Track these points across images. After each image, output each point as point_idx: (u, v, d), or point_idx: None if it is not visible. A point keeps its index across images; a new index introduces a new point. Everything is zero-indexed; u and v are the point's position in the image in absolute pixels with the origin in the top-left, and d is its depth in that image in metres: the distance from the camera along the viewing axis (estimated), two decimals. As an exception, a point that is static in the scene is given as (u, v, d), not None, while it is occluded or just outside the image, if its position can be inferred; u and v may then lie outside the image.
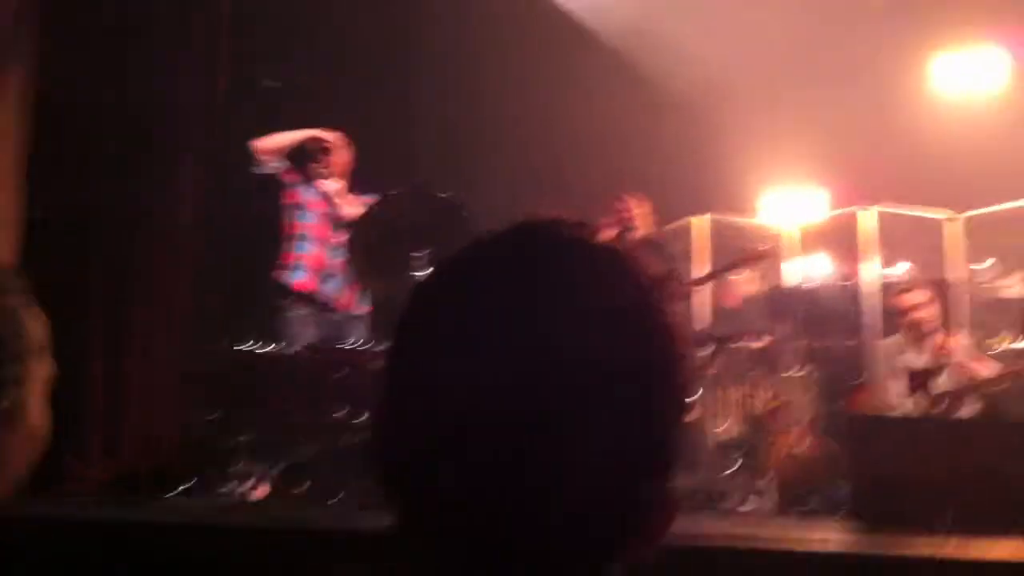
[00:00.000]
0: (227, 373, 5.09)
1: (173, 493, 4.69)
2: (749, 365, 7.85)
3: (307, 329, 5.78)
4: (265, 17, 7.19)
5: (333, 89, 7.56)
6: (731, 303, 8.16)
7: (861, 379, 6.21)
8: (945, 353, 5.64)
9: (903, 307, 5.65)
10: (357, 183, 6.13)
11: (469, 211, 4.90)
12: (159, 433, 5.59)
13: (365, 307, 5.99)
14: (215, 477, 4.93)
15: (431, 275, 0.81)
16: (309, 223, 5.94)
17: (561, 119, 8.74)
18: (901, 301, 5.68)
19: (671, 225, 8.08)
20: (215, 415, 4.96)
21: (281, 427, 4.97)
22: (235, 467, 5.04)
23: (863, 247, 7.62)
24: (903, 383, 5.54)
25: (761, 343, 7.63)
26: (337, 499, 4.47)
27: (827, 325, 7.55)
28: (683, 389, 0.77)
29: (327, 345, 5.27)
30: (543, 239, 0.78)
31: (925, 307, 5.62)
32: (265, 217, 6.17)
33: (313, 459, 5.21)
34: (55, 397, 1.20)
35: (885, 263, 7.73)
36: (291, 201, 5.97)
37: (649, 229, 6.55)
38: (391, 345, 0.79)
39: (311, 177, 6.01)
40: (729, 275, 7.28)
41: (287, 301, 5.85)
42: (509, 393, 0.71)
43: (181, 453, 5.14)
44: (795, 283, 8.00)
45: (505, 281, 0.75)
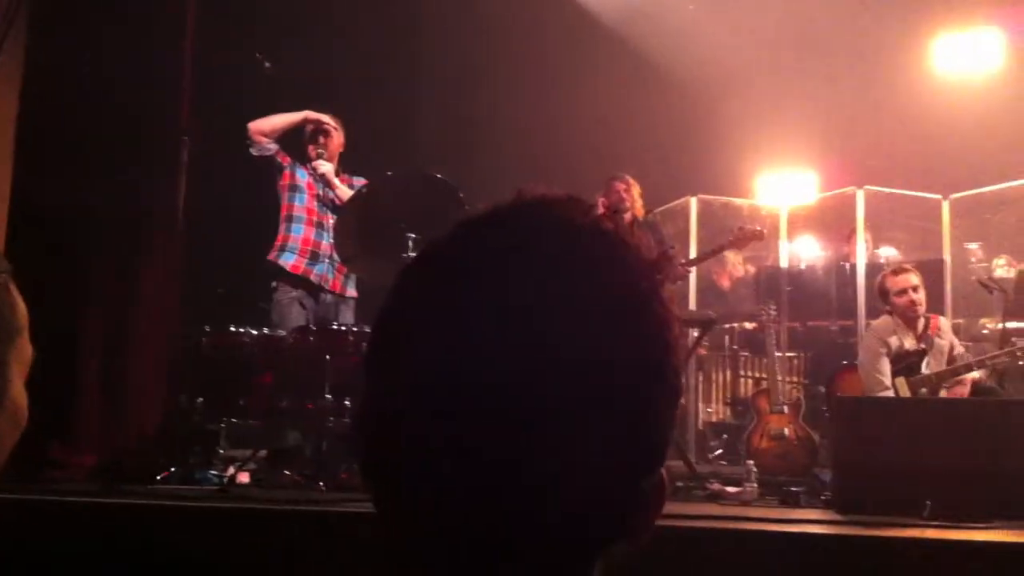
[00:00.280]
0: (215, 356, 5.05)
1: (158, 478, 4.67)
2: (736, 347, 7.89)
3: (298, 311, 5.77)
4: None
5: (332, 71, 7.53)
6: (723, 284, 8.19)
7: (847, 361, 6.22)
8: (934, 334, 5.65)
9: (896, 288, 5.64)
10: (355, 165, 6.11)
11: (466, 192, 4.87)
12: (146, 419, 5.57)
13: (354, 291, 5.99)
14: (200, 462, 4.91)
15: (415, 259, 0.78)
16: (302, 205, 5.92)
17: (559, 101, 8.75)
18: (895, 282, 5.66)
19: (664, 206, 8.09)
20: (201, 399, 4.92)
21: (268, 411, 4.94)
22: (220, 452, 5.03)
23: (852, 228, 7.62)
24: (889, 365, 5.55)
25: (748, 325, 7.67)
26: (323, 484, 4.45)
27: (814, 307, 7.58)
28: (678, 376, 0.75)
29: (318, 327, 5.24)
30: (535, 219, 0.75)
31: (918, 289, 5.62)
32: (258, 198, 6.15)
33: (300, 444, 5.21)
34: (41, 383, 1.19)
35: (874, 244, 7.75)
36: (285, 183, 5.95)
37: (639, 210, 6.55)
38: (373, 333, 0.76)
39: (305, 159, 5.98)
40: (720, 256, 7.30)
41: (279, 282, 5.84)
42: (500, 383, 0.68)
43: (167, 438, 5.11)
44: (783, 264, 8.02)
45: (490, 266, 0.72)
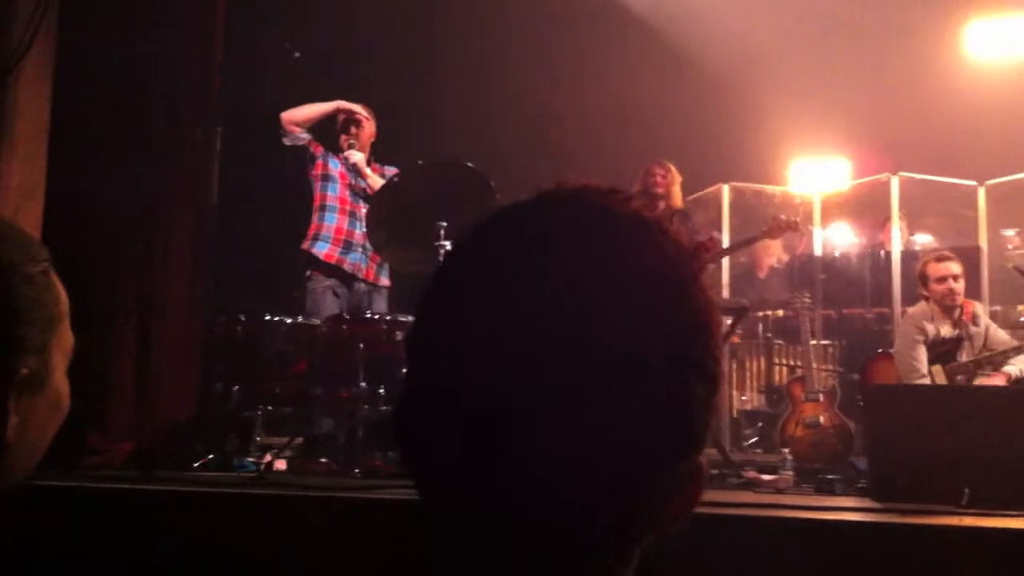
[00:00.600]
0: (250, 344, 5.09)
1: (195, 465, 4.72)
2: (770, 335, 7.84)
3: (331, 300, 5.81)
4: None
5: (359, 61, 7.54)
6: (760, 272, 8.15)
7: (882, 349, 6.17)
8: (969, 320, 5.58)
9: (937, 275, 5.54)
10: (385, 154, 6.13)
11: (496, 181, 4.87)
12: (179, 407, 5.62)
13: (387, 279, 6.01)
14: (237, 449, 4.95)
15: (455, 246, 0.79)
16: (335, 194, 5.95)
17: (589, 89, 8.70)
18: (936, 269, 5.57)
19: (696, 194, 8.05)
20: (236, 387, 4.96)
21: (302, 399, 4.97)
22: (256, 439, 5.07)
23: (887, 216, 7.55)
24: (926, 352, 5.50)
25: (781, 312, 7.62)
26: (358, 471, 4.48)
27: (849, 294, 7.52)
28: (717, 362, 0.74)
29: (351, 316, 5.26)
30: (571, 207, 0.75)
31: (959, 279, 5.53)
32: (291, 188, 6.19)
33: (333, 432, 5.24)
34: (80, 372, 1.20)
35: (909, 231, 7.67)
36: (317, 172, 5.98)
37: (677, 199, 6.51)
38: (417, 315, 0.77)
39: (337, 149, 6.01)
40: (755, 245, 7.25)
41: (312, 271, 5.87)
42: (539, 368, 0.68)
43: (201, 425, 5.16)
44: (818, 252, 7.96)
45: (532, 252, 0.72)
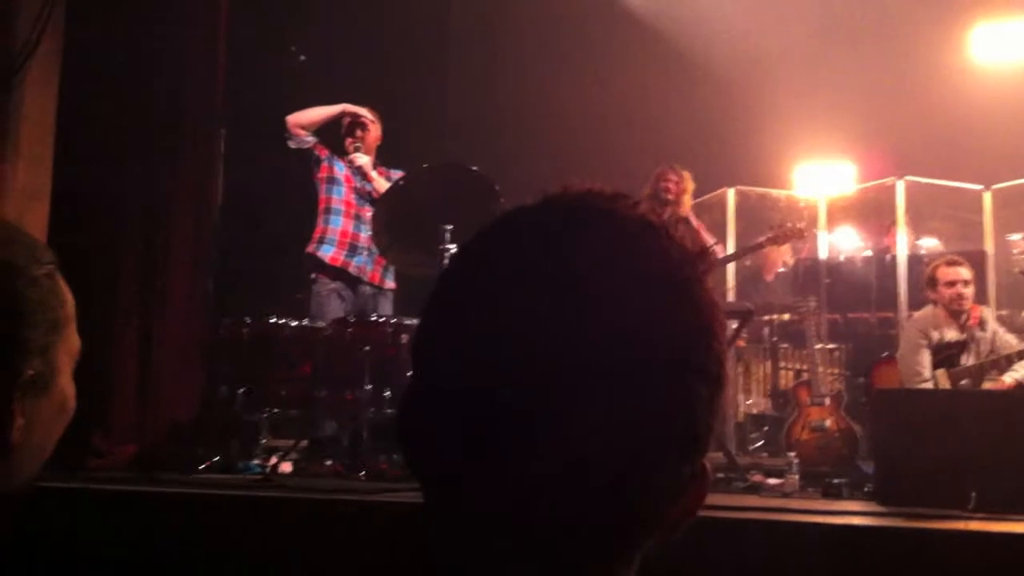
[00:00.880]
0: (254, 347, 5.09)
1: (200, 468, 4.72)
2: (776, 339, 7.83)
3: (336, 303, 5.81)
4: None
5: (366, 63, 7.55)
6: (767, 276, 8.13)
7: (888, 353, 6.15)
8: (975, 325, 5.56)
9: (946, 279, 5.51)
10: (390, 157, 6.14)
11: (501, 185, 4.88)
12: (181, 409, 5.63)
13: (392, 282, 6.01)
14: (242, 452, 4.96)
15: (461, 250, 0.79)
16: (340, 197, 5.95)
17: (594, 92, 8.69)
18: (945, 273, 5.54)
19: (701, 198, 8.04)
20: (241, 390, 4.96)
21: (306, 402, 4.98)
22: (261, 442, 5.07)
23: (893, 220, 7.53)
24: (930, 357, 5.48)
25: (787, 316, 7.60)
26: (363, 474, 4.48)
27: (854, 298, 7.50)
28: (720, 363, 0.75)
29: (356, 319, 5.27)
30: (576, 211, 0.75)
31: (968, 284, 5.50)
32: (295, 190, 6.19)
33: (337, 435, 5.24)
34: (84, 374, 1.20)
35: (915, 235, 7.66)
36: (323, 175, 5.99)
37: (686, 206, 6.47)
38: (423, 316, 0.77)
39: (343, 152, 6.02)
40: (761, 250, 7.22)
41: (318, 274, 5.88)
42: (541, 369, 0.69)
43: (204, 427, 5.16)
44: (823, 256, 7.94)
45: (535, 255, 0.73)
